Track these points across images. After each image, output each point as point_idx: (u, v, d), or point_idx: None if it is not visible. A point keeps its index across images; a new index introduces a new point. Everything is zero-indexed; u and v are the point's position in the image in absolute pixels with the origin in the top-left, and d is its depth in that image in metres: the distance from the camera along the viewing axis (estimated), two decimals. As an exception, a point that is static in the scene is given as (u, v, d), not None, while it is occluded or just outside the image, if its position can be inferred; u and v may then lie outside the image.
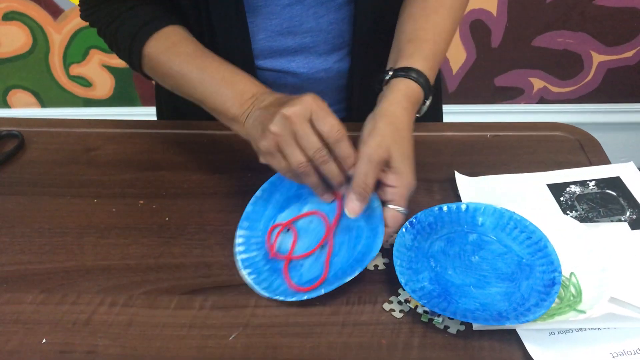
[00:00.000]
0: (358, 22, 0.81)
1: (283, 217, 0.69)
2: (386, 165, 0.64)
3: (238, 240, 0.67)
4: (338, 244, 0.66)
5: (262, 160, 0.65)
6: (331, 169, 0.63)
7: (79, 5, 0.81)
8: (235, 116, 0.68)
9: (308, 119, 0.61)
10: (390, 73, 0.72)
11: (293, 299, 0.61)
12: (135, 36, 0.76)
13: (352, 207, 0.64)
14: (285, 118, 0.61)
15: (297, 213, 0.69)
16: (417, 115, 0.72)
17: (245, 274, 0.64)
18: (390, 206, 0.65)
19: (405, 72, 0.71)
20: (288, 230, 0.68)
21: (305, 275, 0.64)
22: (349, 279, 0.61)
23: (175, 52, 0.74)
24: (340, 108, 0.93)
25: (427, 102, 0.73)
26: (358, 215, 0.64)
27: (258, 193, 0.70)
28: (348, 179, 0.64)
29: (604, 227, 0.69)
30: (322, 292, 0.61)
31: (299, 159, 0.62)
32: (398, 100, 0.68)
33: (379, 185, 0.65)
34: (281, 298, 0.62)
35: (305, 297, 0.61)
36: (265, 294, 0.62)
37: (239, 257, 0.66)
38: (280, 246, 0.67)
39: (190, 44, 0.76)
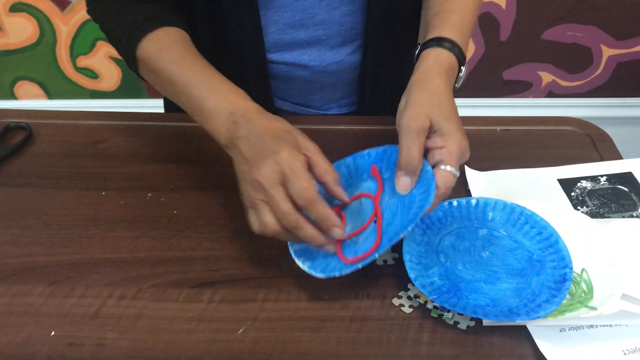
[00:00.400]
0: (371, 14, 0.80)
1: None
2: (430, 132, 0.63)
3: None
4: (392, 214, 0.64)
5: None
6: (305, 234, 0.60)
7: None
8: (216, 138, 0.66)
9: (279, 182, 0.59)
10: (419, 47, 0.70)
11: (348, 271, 0.59)
12: (130, 37, 0.73)
13: (403, 183, 0.62)
14: (257, 182, 0.60)
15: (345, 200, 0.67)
16: (456, 86, 0.70)
17: (300, 262, 0.63)
18: (441, 167, 0.62)
19: (435, 42, 0.69)
20: (338, 217, 0.66)
21: (360, 250, 0.62)
22: (401, 235, 0.59)
23: (162, 58, 0.71)
24: (351, 101, 0.92)
25: (463, 70, 0.70)
26: (410, 190, 0.62)
27: None
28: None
29: (616, 223, 0.69)
30: (376, 256, 0.59)
31: (271, 225, 0.60)
32: (429, 68, 0.67)
33: (426, 154, 0.63)
34: (337, 274, 0.60)
35: (360, 266, 0.59)
36: (322, 275, 0.61)
37: (292, 248, 0.64)
38: None
39: (178, 49, 0.72)
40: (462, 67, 0.70)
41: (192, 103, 0.68)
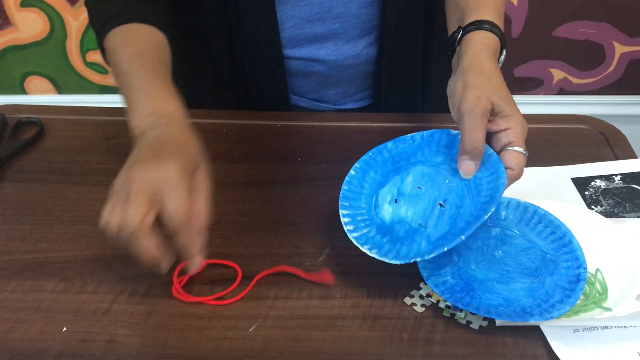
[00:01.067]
0: (387, 6, 0.80)
1: (385, 192, 0.67)
2: (491, 115, 0.62)
3: (344, 219, 0.64)
4: (458, 197, 0.63)
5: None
6: (141, 246, 0.54)
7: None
8: (131, 130, 0.64)
9: (151, 192, 0.55)
10: (461, 31, 0.69)
11: (433, 255, 0.58)
12: (100, 30, 0.73)
13: (467, 167, 0.62)
14: (131, 181, 0.56)
15: (400, 185, 0.67)
16: None
17: (366, 250, 0.62)
18: (509, 148, 0.61)
19: (476, 25, 0.67)
20: (396, 201, 0.65)
21: (433, 236, 0.62)
22: (485, 216, 0.59)
23: (120, 52, 0.71)
24: (366, 95, 0.92)
25: (504, 52, 0.70)
26: (473, 175, 0.62)
27: (352, 172, 0.68)
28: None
29: (631, 223, 0.68)
30: (462, 238, 0.58)
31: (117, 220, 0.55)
32: (479, 50, 0.66)
33: (489, 137, 0.63)
34: (419, 258, 0.59)
35: (446, 248, 0.58)
36: (397, 261, 0.59)
37: (351, 236, 0.63)
38: (392, 218, 0.65)
39: (136, 46, 0.71)
40: (504, 50, 0.69)
41: (128, 97, 0.67)
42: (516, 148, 0.61)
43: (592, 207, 0.71)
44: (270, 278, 0.64)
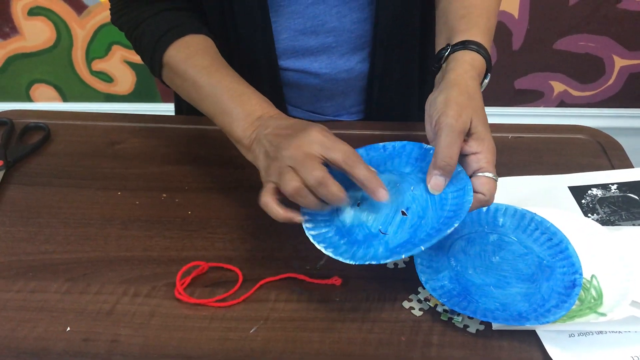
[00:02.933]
0: (379, 22, 0.81)
1: (349, 196, 0.65)
2: (467, 133, 0.62)
3: (304, 217, 0.64)
4: (421, 208, 0.63)
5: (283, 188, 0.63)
6: (330, 190, 0.60)
7: (110, 9, 0.82)
8: (239, 139, 0.68)
9: (316, 152, 0.60)
10: (449, 48, 0.69)
11: (389, 260, 0.58)
12: (157, 44, 0.75)
13: (436, 182, 0.61)
14: (292, 150, 0.61)
15: (361, 191, 0.66)
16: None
17: (321, 247, 0.61)
18: (480, 174, 0.61)
19: (465, 45, 0.68)
20: (358, 205, 0.65)
21: (392, 242, 0.61)
22: (448, 231, 0.58)
23: (191, 64, 0.73)
24: (359, 109, 0.93)
25: (489, 76, 0.70)
26: (441, 191, 0.62)
27: None
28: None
29: (626, 231, 0.69)
30: (422, 249, 0.58)
31: (294, 182, 0.60)
32: (465, 70, 0.66)
33: (459, 158, 0.62)
34: (374, 262, 0.58)
35: (403, 256, 0.58)
36: (352, 262, 0.59)
37: (308, 234, 0.63)
38: (353, 221, 0.64)
39: (207, 56, 0.75)
40: (488, 74, 0.70)
41: (219, 107, 0.70)
42: (487, 174, 0.61)
43: (589, 215, 0.72)
44: (272, 281, 0.65)
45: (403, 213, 0.63)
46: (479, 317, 0.59)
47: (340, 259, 0.60)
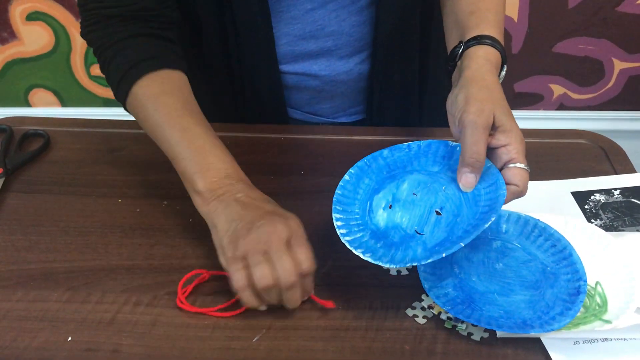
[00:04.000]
0: (379, 25, 0.81)
1: (379, 198, 0.66)
2: (491, 129, 0.62)
3: (337, 223, 0.64)
4: (455, 206, 0.63)
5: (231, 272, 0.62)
6: (296, 295, 0.61)
7: (80, 21, 0.78)
8: (201, 192, 0.66)
9: (285, 241, 0.60)
10: (462, 45, 0.69)
11: (430, 260, 0.58)
12: (127, 73, 0.72)
13: (467, 180, 0.61)
14: (265, 236, 0.60)
15: (396, 191, 0.66)
16: None
17: (359, 253, 0.61)
18: (511, 165, 0.61)
19: (477, 40, 0.68)
20: (390, 207, 0.65)
21: (429, 242, 0.61)
22: (485, 225, 0.59)
23: (162, 102, 0.71)
24: (359, 110, 0.93)
25: (505, 67, 0.70)
26: (473, 188, 0.62)
27: (346, 177, 0.67)
28: None
29: (630, 237, 0.69)
30: (462, 245, 0.58)
31: (267, 278, 0.59)
32: (481, 65, 0.66)
33: (488, 152, 0.62)
34: (415, 263, 0.59)
35: (444, 254, 0.57)
36: (393, 265, 0.59)
37: (344, 239, 0.62)
38: (387, 223, 0.64)
39: (180, 97, 0.72)
40: (504, 65, 0.70)
41: (185, 153, 0.68)
42: (518, 165, 0.61)
43: (592, 220, 0.72)
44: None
45: (437, 213, 0.63)
46: (483, 324, 0.58)
47: (380, 263, 0.60)
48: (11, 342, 0.60)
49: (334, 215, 0.64)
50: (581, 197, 0.75)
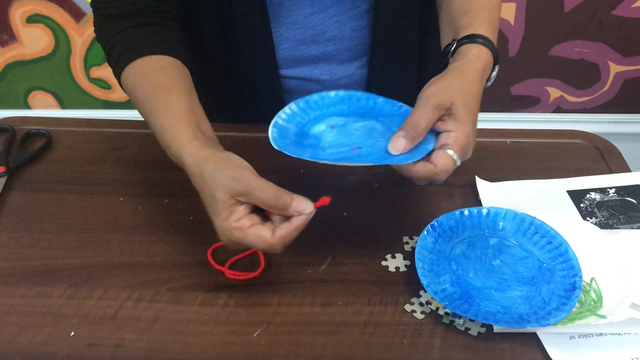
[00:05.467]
0: (377, 30, 0.82)
1: (334, 119, 0.70)
2: (445, 114, 0.63)
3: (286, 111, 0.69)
4: (371, 150, 0.65)
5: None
6: (293, 237, 0.60)
7: (93, 23, 0.80)
8: (185, 164, 0.65)
9: (243, 227, 0.59)
10: (455, 43, 0.70)
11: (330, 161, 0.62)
12: (117, 62, 0.74)
13: (397, 144, 0.62)
14: (226, 231, 0.60)
15: (347, 122, 0.70)
16: (487, 84, 0.70)
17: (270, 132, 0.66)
18: (443, 149, 0.62)
19: (470, 38, 0.69)
20: (332, 127, 0.68)
21: (323, 155, 0.65)
22: (369, 163, 0.62)
23: (136, 93, 0.72)
24: None
25: (496, 69, 0.71)
26: (400, 153, 0.62)
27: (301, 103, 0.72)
28: None
29: (625, 234, 0.70)
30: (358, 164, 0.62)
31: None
32: (470, 61, 0.67)
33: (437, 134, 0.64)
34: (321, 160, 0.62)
35: (340, 162, 0.62)
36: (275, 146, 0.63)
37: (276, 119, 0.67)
38: (315, 134, 0.68)
39: (160, 77, 0.71)
40: (496, 66, 0.71)
41: (165, 125, 0.68)
42: (449, 151, 0.62)
43: (587, 218, 0.73)
44: (275, 285, 0.66)
45: (352, 149, 0.65)
46: (480, 320, 0.59)
47: (272, 142, 0.64)
48: (15, 337, 0.61)
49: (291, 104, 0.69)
50: (577, 196, 0.76)
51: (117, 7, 0.76)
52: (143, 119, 0.73)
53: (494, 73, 0.71)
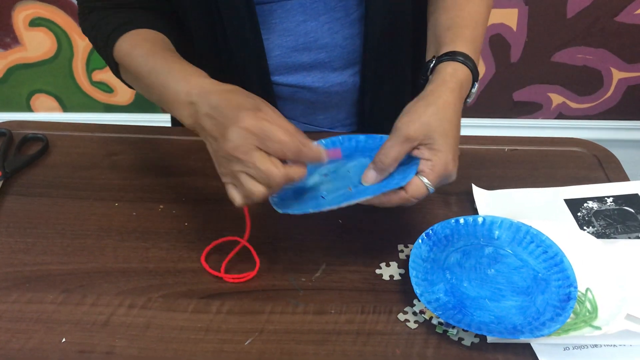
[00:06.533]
0: (368, 38, 0.82)
1: (326, 167, 0.71)
2: (421, 144, 0.64)
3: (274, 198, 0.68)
4: (366, 188, 0.66)
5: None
6: (297, 178, 0.61)
7: (78, 14, 0.83)
8: (184, 122, 0.66)
9: (253, 147, 0.58)
10: (434, 60, 0.70)
11: (311, 210, 0.62)
12: (106, 43, 0.75)
13: (367, 176, 0.65)
14: (230, 155, 0.59)
15: (341, 168, 0.71)
16: (467, 101, 0.71)
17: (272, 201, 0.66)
18: (418, 176, 0.63)
19: (449, 56, 0.69)
20: (325, 176, 0.70)
21: (324, 204, 0.64)
22: (369, 195, 0.62)
23: (131, 55, 0.73)
24: (353, 122, 0.93)
25: (476, 86, 0.71)
26: (372, 184, 0.65)
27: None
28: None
29: (622, 244, 0.69)
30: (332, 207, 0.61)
31: (257, 192, 0.60)
32: (445, 82, 0.67)
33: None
34: (297, 212, 0.63)
35: (329, 207, 0.62)
36: (280, 209, 0.64)
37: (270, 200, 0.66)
38: (312, 185, 0.69)
39: (144, 46, 0.73)
40: (475, 83, 0.71)
41: (157, 92, 0.69)
42: (423, 178, 0.63)
43: (584, 228, 0.73)
44: (267, 293, 0.66)
45: (349, 189, 0.66)
46: (473, 330, 0.59)
47: (275, 206, 0.65)
48: (6, 344, 0.60)
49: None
50: (574, 205, 0.76)
51: (99, 1, 0.79)
52: (142, 123, 0.73)
53: (474, 90, 0.71)
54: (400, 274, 0.67)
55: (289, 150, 0.59)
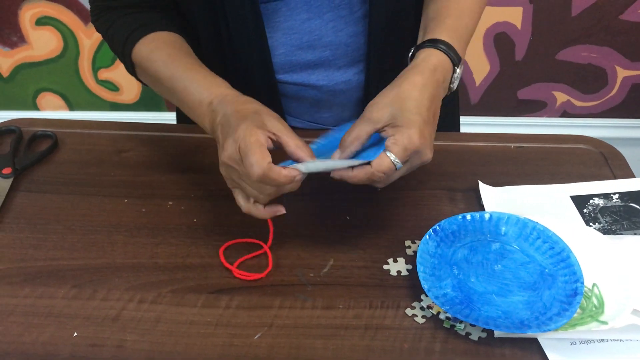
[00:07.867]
0: (372, 36, 0.82)
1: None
2: (388, 123, 0.65)
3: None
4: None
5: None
6: (282, 190, 0.64)
7: (90, 13, 0.85)
8: (205, 129, 0.71)
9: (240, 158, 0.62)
10: (412, 50, 0.73)
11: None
12: (124, 45, 0.78)
13: (334, 154, 0.67)
14: (225, 164, 0.64)
15: None
16: (452, 87, 0.72)
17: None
18: (385, 151, 0.64)
19: (426, 44, 0.71)
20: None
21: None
22: (337, 165, 0.64)
23: (151, 59, 0.76)
24: None
25: (458, 71, 0.72)
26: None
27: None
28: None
29: (628, 240, 0.69)
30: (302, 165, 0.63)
31: (256, 197, 0.65)
32: (414, 66, 0.69)
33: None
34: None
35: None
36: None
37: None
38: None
39: (165, 50, 0.77)
40: (456, 68, 0.72)
41: (179, 98, 0.74)
42: (388, 153, 0.63)
43: (591, 224, 0.73)
44: (276, 288, 0.66)
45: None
46: (481, 324, 0.59)
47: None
48: (18, 337, 0.61)
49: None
50: (580, 201, 0.76)
51: (111, 0, 0.80)
52: (148, 122, 0.74)
53: (456, 74, 0.72)
54: (407, 270, 0.68)
55: (252, 174, 0.61)
